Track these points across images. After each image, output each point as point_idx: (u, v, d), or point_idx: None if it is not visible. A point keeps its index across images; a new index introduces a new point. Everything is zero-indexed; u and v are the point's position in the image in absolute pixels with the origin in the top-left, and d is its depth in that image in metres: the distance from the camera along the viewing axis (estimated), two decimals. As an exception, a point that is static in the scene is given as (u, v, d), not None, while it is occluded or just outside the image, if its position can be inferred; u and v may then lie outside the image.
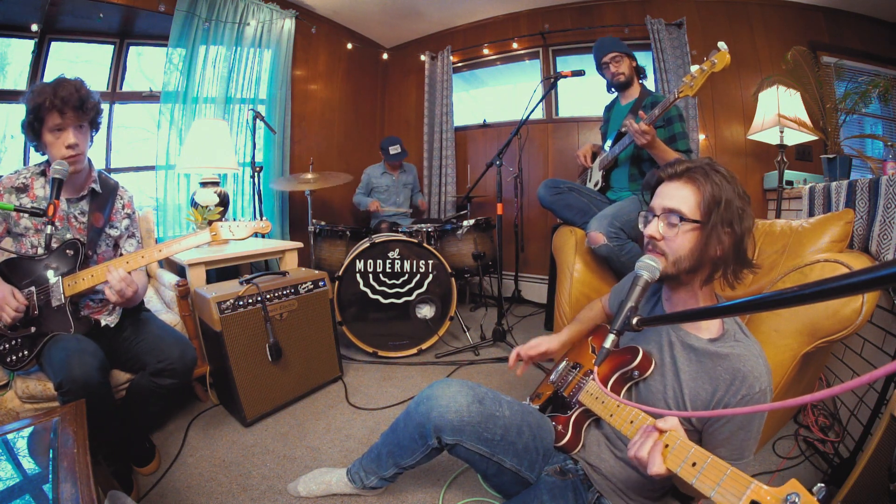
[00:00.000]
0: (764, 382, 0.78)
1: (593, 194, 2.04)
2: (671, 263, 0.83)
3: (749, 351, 0.81)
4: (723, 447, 0.79)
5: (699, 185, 0.83)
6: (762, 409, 0.50)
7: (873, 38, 2.62)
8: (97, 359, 1.17)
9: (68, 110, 1.20)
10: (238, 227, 1.34)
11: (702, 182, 0.83)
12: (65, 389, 1.10)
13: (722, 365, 0.81)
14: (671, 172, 0.87)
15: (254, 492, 1.29)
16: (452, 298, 2.31)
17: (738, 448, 0.79)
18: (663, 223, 0.84)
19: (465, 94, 4.11)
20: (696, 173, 0.84)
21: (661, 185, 0.90)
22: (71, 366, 1.11)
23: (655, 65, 2.92)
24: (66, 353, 1.14)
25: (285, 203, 3.25)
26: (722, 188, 0.82)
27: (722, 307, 0.58)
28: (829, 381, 1.69)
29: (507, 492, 1.08)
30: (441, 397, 1.02)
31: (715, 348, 0.83)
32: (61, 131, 1.22)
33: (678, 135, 1.81)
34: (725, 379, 0.79)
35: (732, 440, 0.79)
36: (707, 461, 0.57)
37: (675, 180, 0.87)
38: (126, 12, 2.49)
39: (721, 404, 0.79)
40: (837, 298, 0.61)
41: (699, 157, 0.90)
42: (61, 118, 1.20)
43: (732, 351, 0.81)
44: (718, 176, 0.83)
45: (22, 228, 1.28)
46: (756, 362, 0.79)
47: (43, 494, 0.72)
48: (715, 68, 1.40)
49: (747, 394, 0.77)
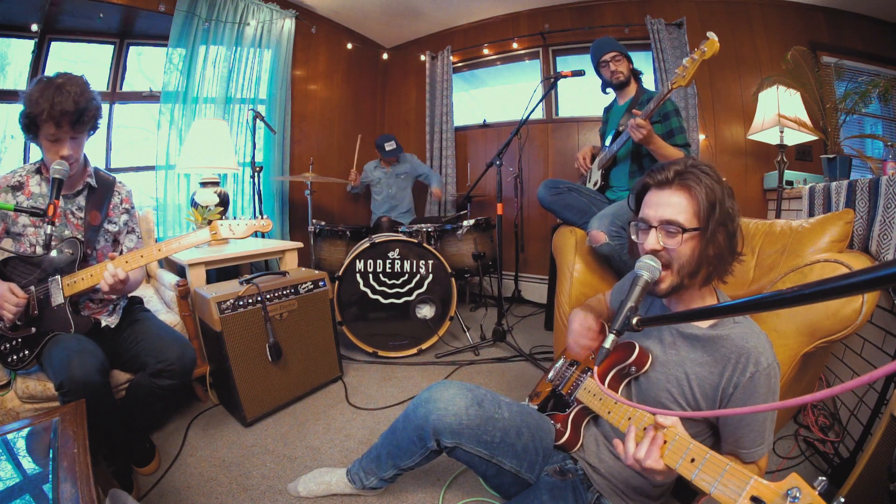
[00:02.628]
0: (770, 357, 0.78)
1: (593, 194, 2.04)
2: (676, 273, 0.83)
3: (750, 329, 0.82)
4: (743, 433, 0.79)
5: (693, 191, 0.81)
6: (763, 409, 0.50)
7: (873, 38, 2.62)
8: (97, 359, 1.17)
9: (65, 124, 1.17)
10: (238, 225, 1.33)
11: (695, 187, 0.81)
12: (65, 389, 1.10)
13: (725, 345, 0.81)
14: (661, 179, 0.84)
15: (254, 492, 1.29)
16: (452, 298, 2.31)
17: (759, 431, 0.79)
18: (662, 234, 0.83)
19: (465, 94, 4.11)
20: (689, 179, 0.82)
21: (650, 192, 0.87)
22: (71, 366, 1.11)
23: (655, 65, 2.92)
24: (67, 353, 1.14)
25: (285, 203, 3.25)
26: (713, 190, 0.81)
27: (722, 307, 0.58)
28: (829, 381, 1.69)
29: (506, 492, 1.08)
30: (440, 400, 1.02)
31: (715, 332, 0.84)
32: (58, 141, 1.20)
33: (675, 129, 1.81)
34: (731, 358, 0.80)
35: (753, 423, 0.78)
36: (706, 457, 0.57)
37: (666, 187, 0.84)
38: (126, 12, 2.49)
39: (731, 385, 0.79)
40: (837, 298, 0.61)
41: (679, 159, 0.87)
42: (57, 130, 1.17)
43: (732, 331, 0.82)
44: (706, 177, 0.82)
45: (20, 227, 1.28)
46: (758, 338, 0.80)
47: (43, 494, 0.72)
48: (705, 56, 1.41)
49: (755, 370, 0.77)
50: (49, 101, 1.13)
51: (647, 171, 0.89)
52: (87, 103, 1.20)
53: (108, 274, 1.18)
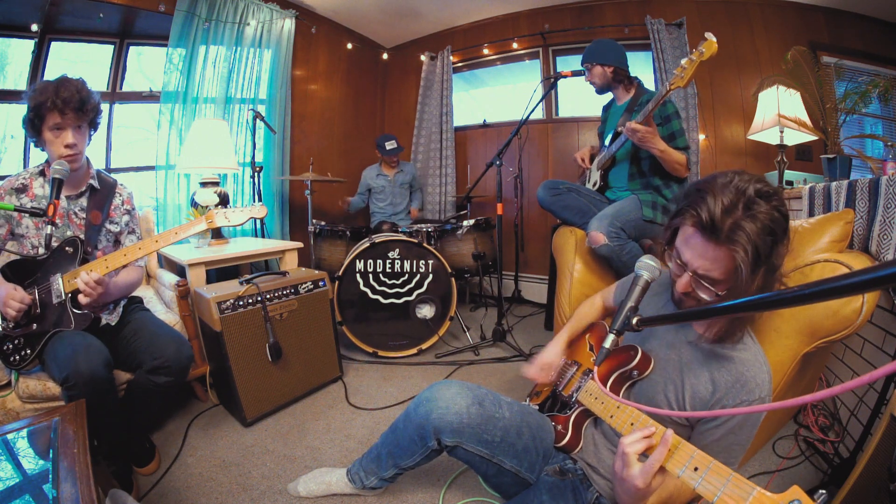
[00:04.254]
0: (764, 391, 0.78)
1: (592, 194, 2.04)
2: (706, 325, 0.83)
3: (755, 358, 0.81)
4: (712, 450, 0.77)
5: (738, 252, 0.70)
6: (763, 409, 0.50)
7: (873, 38, 2.62)
8: (103, 354, 1.18)
9: (69, 111, 1.22)
10: (234, 213, 1.33)
11: (743, 247, 0.69)
12: (70, 383, 1.10)
13: (726, 367, 0.81)
14: (709, 228, 0.71)
15: (254, 492, 1.29)
16: (452, 298, 2.31)
17: (726, 451, 0.79)
18: (695, 283, 0.77)
19: (465, 94, 4.11)
20: (739, 236, 0.69)
21: (693, 232, 0.75)
22: (77, 360, 1.11)
23: (655, 65, 2.92)
24: (73, 348, 1.14)
25: (285, 203, 3.25)
26: (765, 244, 0.70)
27: (722, 307, 0.58)
28: (829, 381, 1.69)
29: (507, 492, 1.08)
30: (441, 399, 1.02)
31: (722, 350, 0.82)
32: (61, 130, 1.24)
33: (677, 132, 1.81)
34: (727, 381, 0.79)
35: (722, 442, 0.79)
36: (709, 466, 0.57)
37: (713, 240, 0.72)
38: (126, 12, 2.49)
39: (718, 405, 0.79)
40: (837, 298, 0.61)
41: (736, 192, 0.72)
42: (61, 118, 1.22)
43: (739, 355, 0.81)
44: (760, 224, 0.70)
45: (24, 228, 1.30)
46: (760, 370, 0.79)
47: (43, 494, 0.72)
48: (703, 57, 1.41)
49: (746, 399, 0.77)
50: (54, 91, 1.21)
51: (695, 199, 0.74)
52: (89, 96, 1.27)
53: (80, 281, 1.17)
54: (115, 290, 1.37)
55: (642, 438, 0.68)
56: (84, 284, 1.18)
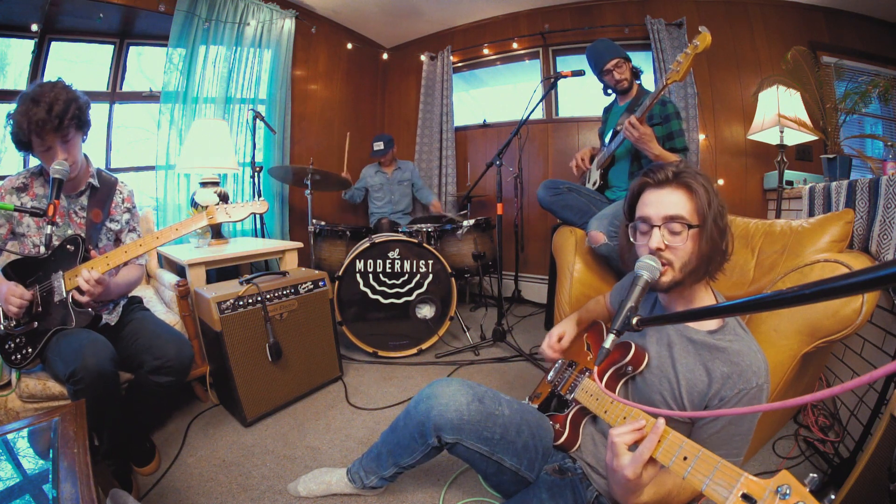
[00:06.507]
0: (761, 378, 0.78)
1: (592, 194, 2.04)
2: (679, 270, 0.83)
3: (748, 347, 0.81)
4: (714, 443, 0.79)
5: (692, 189, 0.83)
6: (762, 409, 0.50)
7: (873, 38, 2.62)
8: (108, 349, 1.18)
9: (47, 133, 1.17)
10: (234, 209, 1.32)
11: (693, 185, 0.83)
12: (78, 377, 1.10)
13: (720, 357, 0.81)
14: (661, 178, 0.86)
15: (254, 492, 1.29)
16: (452, 298, 2.31)
17: (728, 443, 0.79)
18: (666, 232, 0.83)
19: (465, 94, 4.11)
20: (686, 177, 0.84)
21: (648, 191, 0.88)
22: (85, 355, 1.11)
23: (655, 65, 2.92)
24: (79, 343, 1.15)
25: (285, 203, 3.24)
26: (707, 189, 0.84)
27: (722, 307, 0.58)
28: (829, 381, 1.69)
29: (506, 491, 1.08)
30: (441, 396, 1.03)
31: (714, 341, 0.83)
32: (49, 150, 1.21)
33: (675, 132, 1.81)
34: (723, 372, 0.80)
35: (723, 434, 0.79)
36: (698, 454, 0.57)
37: (666, 186, 0.85)
38: (126, 12, 2.49)
39: (717, 397, 0.79)
40: (837, 298, 0.61)
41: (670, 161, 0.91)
42: (42, 141, 1.18)
43: (731, 346, 0.81)
44: (700, 177, 0.85)
45: (25, 228, 1.30)
46: (754, 357, 0.79)
47: (43, 494, 0.72)
48: (698, 50, 1.43)
49: (744, 388, 0.77)
50: (25, 116, 1.14)
51: (643, 170, 0.90)
52: (64, 106, 1.17)
53: (80, 279, 1.17)
54: (116, 288, 1.38)
55: (632, 430, 0.68)
56: (84, 282, 1.17)
